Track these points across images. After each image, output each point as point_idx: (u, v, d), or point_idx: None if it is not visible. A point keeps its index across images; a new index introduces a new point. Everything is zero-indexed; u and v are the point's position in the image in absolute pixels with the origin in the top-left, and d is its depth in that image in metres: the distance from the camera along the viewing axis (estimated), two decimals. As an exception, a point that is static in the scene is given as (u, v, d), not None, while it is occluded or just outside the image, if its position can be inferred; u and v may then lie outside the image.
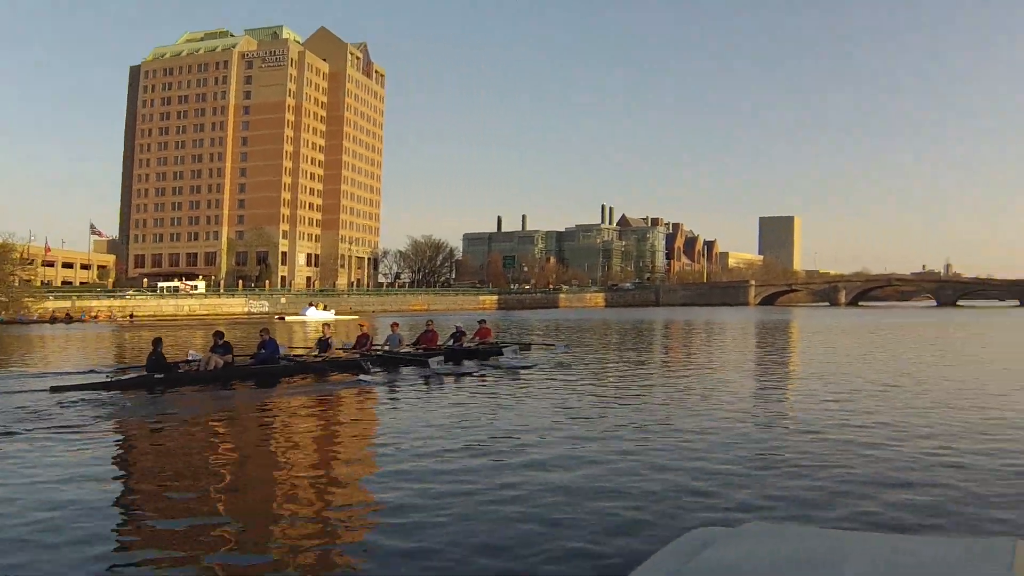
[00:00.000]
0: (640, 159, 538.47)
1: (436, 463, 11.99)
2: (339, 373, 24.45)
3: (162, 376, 21.42)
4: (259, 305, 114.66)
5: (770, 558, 2.94)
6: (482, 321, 33.73)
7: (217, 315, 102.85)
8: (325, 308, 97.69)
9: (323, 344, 26.38)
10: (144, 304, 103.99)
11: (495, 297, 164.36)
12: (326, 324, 31.14)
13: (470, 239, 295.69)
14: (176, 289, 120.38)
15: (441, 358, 26.46)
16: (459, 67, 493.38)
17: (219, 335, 24.01)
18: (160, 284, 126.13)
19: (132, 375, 21.97)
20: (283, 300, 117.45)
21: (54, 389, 19.73)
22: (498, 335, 37.70)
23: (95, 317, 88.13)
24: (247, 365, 23.96)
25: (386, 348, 28.20)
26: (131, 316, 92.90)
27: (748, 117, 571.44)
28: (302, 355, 26.67)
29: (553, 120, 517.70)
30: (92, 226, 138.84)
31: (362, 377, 23.18)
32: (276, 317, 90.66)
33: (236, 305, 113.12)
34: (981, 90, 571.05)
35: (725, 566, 2.86)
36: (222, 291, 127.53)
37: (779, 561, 2.91)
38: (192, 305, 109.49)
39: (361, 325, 29.39)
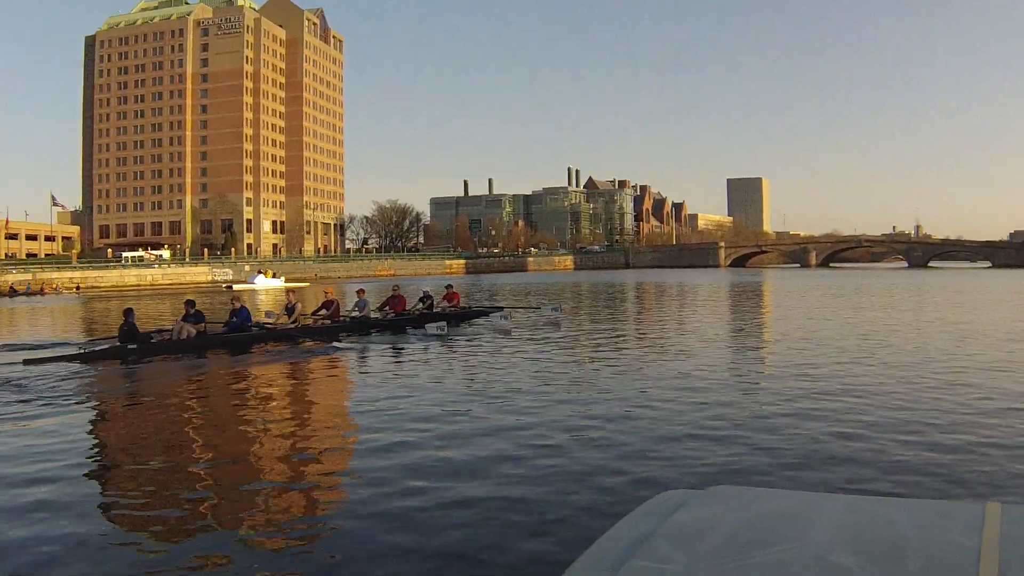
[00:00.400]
0: (605, 121, 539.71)
1: (411, 431, 11.94)
2: (312, 340, 24.62)
3: (135, 346, 21.38)
4: (223, 273, 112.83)
5: (741, 519, 2.97)
6: (449, 286, 33.71)
7: (181, 284, 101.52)
8: (274, 275, 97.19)
9: (290, 310, 26.18)
10: (106, 275, 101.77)
11: (462, 261, 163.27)
12: (291, 290, 31.01)
13: (437, 203, 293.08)
14: (141, 259, 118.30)
15: (444, 323, 26.65)
16: (420, 32, 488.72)
17: (191, 304, 23.82)
18: (124, 254, 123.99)
19: (105, 346, 21.83)
20: (247, 268, 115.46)
21: (27, 362, 19.67)
22: (468, 302, 37.79)
23: (41, 291, 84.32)
24: (220, 333, 23.81)
25: (355, 313, 28.20)
26: (77, 287, 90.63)
27: (714, 78, 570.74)
28: (274, 323, 26.40)
29: (517, 82, 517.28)
30: (52, 197, 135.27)
31: (335, 343, 23.45)
32: (224, 286, 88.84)
33: (200, 274, 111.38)
34: (949, 50, 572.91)
35: (696, 527, 2.90)
36: (187, 260, 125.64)
37: (750, 522, 2.95)
38: (155, 275, 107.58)
39: (327, 292, 28.56)
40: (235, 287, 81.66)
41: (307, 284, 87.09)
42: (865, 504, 3.24)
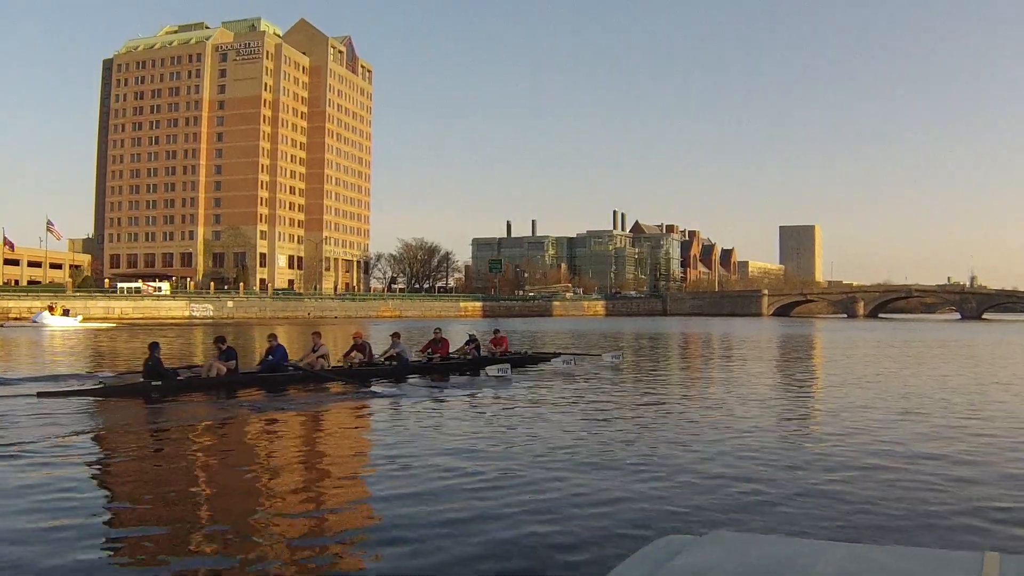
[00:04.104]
0: (655, 165, 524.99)
1: (442, 479, 11.38)
2: (352, 383, 23.22)
3: (160, 383, 20.44)
4: (203, 309, 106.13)
5: (739, 566, 2.98)
6: (497, 330, 32.97)
7: (153, 319, 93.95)
8: (66, 313, 78.88)
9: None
10: (70, 304, 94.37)
11: (479, 304, 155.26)
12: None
13: (479, 244, 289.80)
14: (138, 290, 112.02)
15: (507, 366, 26.58)
16: (460, 66, 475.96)
17: (221, 340, 23.14)
18: (120, 285, 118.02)
19: (127, 382, 21.14)
20: (230, 304, 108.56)
21: (41, 395, 19.03)
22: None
23: None
24: (253, 372, 23.06)
25: (395, 354, 27.12)
26: None
27: (767, 124, 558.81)
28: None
29: (564, 123, 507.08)
30: (49, 223, 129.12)
31: (375, 388, 22.38)
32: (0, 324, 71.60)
33: (176, 308, 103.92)
34: (1007, 99, 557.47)
35: (694, 573, 2.91)
36: (191, 292, 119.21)
37: (748, 568, 2.95)
38: (124, 307, 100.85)
39: (355, 336, 27.16)
40: (5, 325, 67.95)
41: (112, 325, 75.66)
42: (864, 552, 3.22)
